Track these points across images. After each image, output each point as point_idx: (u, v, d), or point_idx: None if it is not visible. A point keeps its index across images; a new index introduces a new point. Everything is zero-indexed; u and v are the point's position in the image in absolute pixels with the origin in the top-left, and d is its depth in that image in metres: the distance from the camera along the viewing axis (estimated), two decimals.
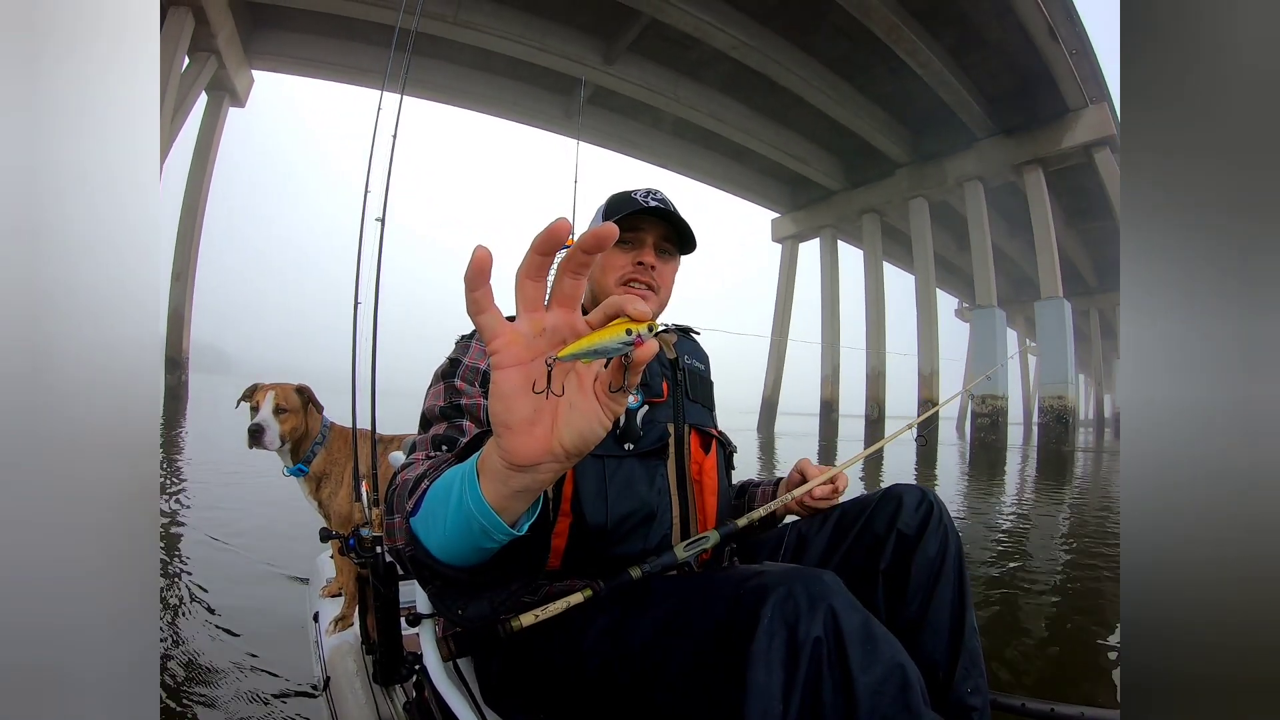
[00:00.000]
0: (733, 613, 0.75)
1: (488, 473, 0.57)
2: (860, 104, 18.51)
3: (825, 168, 21.97)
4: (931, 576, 1.05)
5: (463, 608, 0.80)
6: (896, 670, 0.70)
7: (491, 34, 15.11)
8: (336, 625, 1.97)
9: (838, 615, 0.70)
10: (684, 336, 1.31)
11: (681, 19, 14.37)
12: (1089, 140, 17.60)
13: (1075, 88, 16.82)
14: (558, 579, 1.01)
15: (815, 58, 16.64)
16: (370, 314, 2.00)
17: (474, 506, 0.58)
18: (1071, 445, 17.03)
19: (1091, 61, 16.99)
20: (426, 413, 1.01)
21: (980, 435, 18.01)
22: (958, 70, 16.73)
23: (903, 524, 1.08)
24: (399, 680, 1.25)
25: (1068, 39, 15.95)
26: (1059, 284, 17.78)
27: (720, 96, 18.25)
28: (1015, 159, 18.66)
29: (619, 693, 0.84)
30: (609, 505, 1.00)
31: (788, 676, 0.68)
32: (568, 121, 19.71)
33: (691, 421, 1.16)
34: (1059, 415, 17.31)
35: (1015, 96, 17.68)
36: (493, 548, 0.62)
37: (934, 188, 20.43)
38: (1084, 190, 20.49)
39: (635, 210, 1.13)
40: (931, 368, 19.56)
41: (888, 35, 14.80)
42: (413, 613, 1.10)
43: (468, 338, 1.11)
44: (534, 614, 0.90)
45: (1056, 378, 17.68)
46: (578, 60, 16.16)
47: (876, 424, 20.40)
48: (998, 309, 18.73)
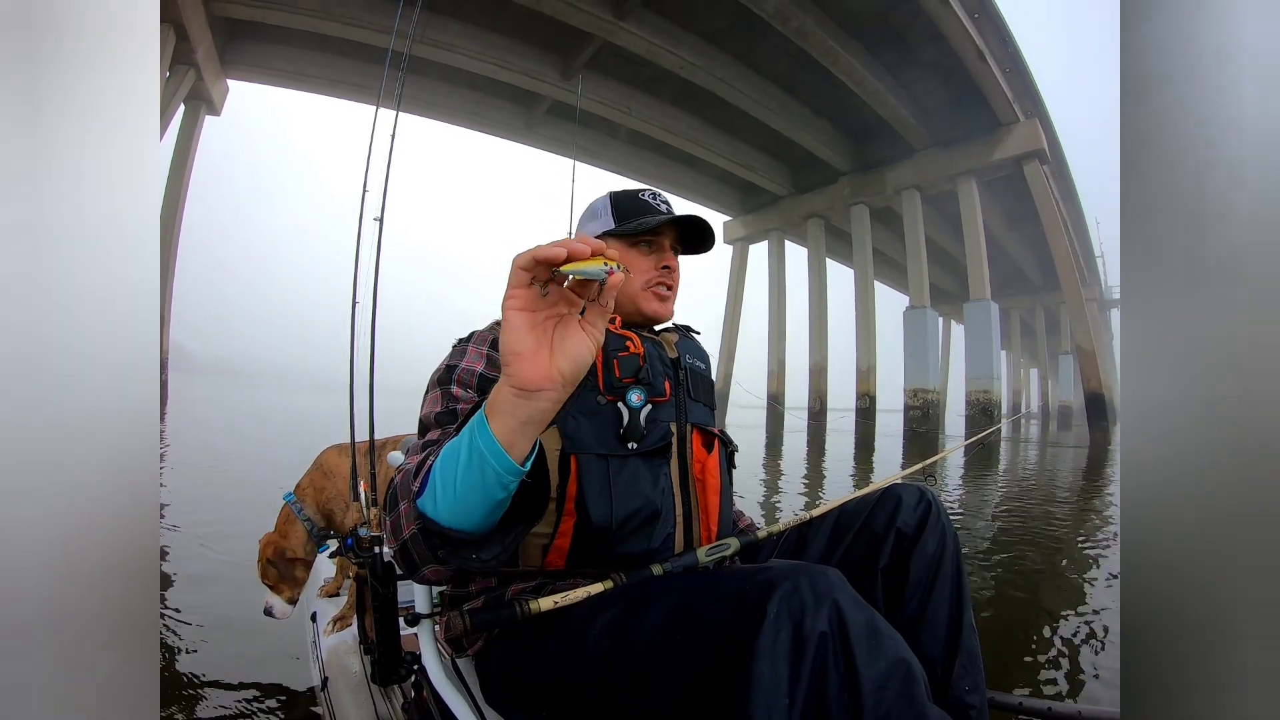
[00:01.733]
0: (738, 608, 0.74)
1: (496, 410, 0.66)
2: (804, 117, 19.63)
3: (773, 175, 23.00)
4: (930, 575, 1.05)
5: (476, 552, 0.75)
6: (901, 665, 0.70)
7: (458, 52, 16.02)
8: (335, 625, 1.94)
9: (843, 611, 0.70)
10: (685, 336, 1.30)
11: (632, 41, 15.34)
12: (1018, 153, 18.92)
13: (1006, 104, 18.04)
14: (562, 578, 1.01)
15: (760, 74, 17.68)
16: (368, 313, 2.00)
17: (484, 445, 0.65)
18: (996, 436, 18.33)
19: (1024, 78, 18.26)
20: (424, 419, 1.00)
21: (912, 426, 19.31)
22: (895, 87, 17.84)
23: (902, 522, 1.08)
24: (398, 680, 1.22)
25: (1000, 58, 17.14)
26: (987, 287, 19.05)
27: (672, 110, 19.18)
28: (950, 170, 19.85)
29: (623, 689, 0.83)
30: (613, 504, 0.99)
31: (793, 671, 0.67)
32: (528, 132, 20.64)
33: (694, 421, 1.15)
34: (984, 408, 18.68)
35: (950, 111, 18.82)
36: (503, 498, 0.68)
37: (874, 195, 21.56)
38: (1029, 196, 21.94)
39: (658, 218, 1.16)
40: (869, 363, 20.87)
41: (825, 58, 15.86)
42: (411, 612, 1.09)
43: (464, 341, 1.11)
44: (553, 599, 0.88)
45: (982, 374, 19.05)
46: (537, 76, 17.12)
47: (818, 416, 21.68)
48: (929, 309, 20.08)
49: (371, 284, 1.98)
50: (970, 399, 19.39)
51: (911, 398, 19.66)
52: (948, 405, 23.31)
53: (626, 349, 1.09)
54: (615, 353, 1.08)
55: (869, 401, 20.41)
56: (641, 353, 1.10)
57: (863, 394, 20.52)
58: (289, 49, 17.11)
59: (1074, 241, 30.45)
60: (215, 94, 17.71)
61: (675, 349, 1.20)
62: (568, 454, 1.00)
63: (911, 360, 19.99)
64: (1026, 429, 25.65)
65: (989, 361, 18.91)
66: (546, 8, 14.29)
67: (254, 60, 17.64)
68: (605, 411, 1.04)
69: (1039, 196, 19.31)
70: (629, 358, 1.08)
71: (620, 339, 1.11)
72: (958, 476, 8.94)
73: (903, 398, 20.02)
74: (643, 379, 1.08)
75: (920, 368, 19.66)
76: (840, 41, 15.74)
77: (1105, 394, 18.97)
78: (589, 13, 14.52)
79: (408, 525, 0.75)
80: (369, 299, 1.97)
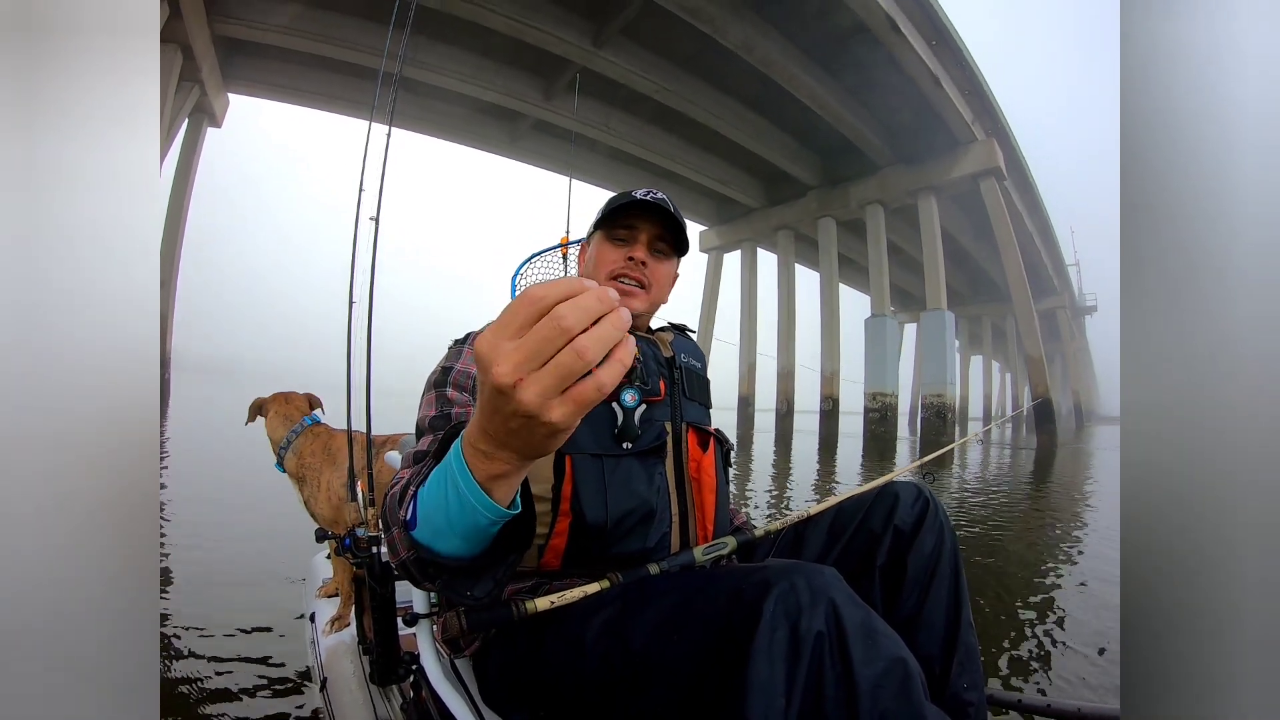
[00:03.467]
0: (734, 607, 0.73)
1: (481, 460, 0.59)
2: (774, 135, 20.73)
3: (745, 189, 24.25)
4: (927, 573, 1.05)
5: (470, 589, 0.73)
6: (898, 664, 0.69)
7: (444, 74, 17.06)
8: (333, 625, 1.96)
9: (839, 610, 0.70)
10: (680, 335, 1.29)
11: (608, 68, 16.35)
12: (975, 171, 20.11)
13: (964, 125, 19.21)
14: (558, 578, 1.01)
15: (731, 96, 18.70)
16: (364, 313, 1.98)
17: (469, 492, 0.61)
18: (951, 436, 19.61)
19: (983, 99, 19.44)
20: (419, 423, 1.00)
21: (871, 427, 20.42)
22: (857, 108, 18.90)
23: (899, 520, 1.08)
24: (396, 680, 1.20)
25: (959, 80, 18.32)
26: (943, 298, 20.26)
27: (648, 127, 20.12)
28: (912, 185, 20.98)
29: (620, 688, 0.82)
30: (608, 504, 0.99)
31: (790, 670, 0.67)
32: (512, 146, 21.79)
33: (689, 420, 1.14)
34: (939, 411, 19.91)
35: (910, 131, 19.91)
36: (489, 524, 0.65)
37: (840, 209, 22.70)
38: None
39: (630, 207, 1.14)
40: (833, 368, 22.07)
41: (788, 83, 16.95)
42: (410, 613, 1.08)
43: (460, 342, 1.10)
44: (550, 599, 0.87)
45: (936, 379, 20.24)
46: (521, 97, 18.22)
47: (786, 417, 22.88)
48: (889, 318, 21.27)
49: (368, 284, 1.98)
50: (925, 402, 20.61)
51: (871, 400, 20.80)
52: None
53: None
54: None
55: (832, 404, 21.55)
56: (636, 352, 1.11)
57: (826, 396, 21.71)
58: (286, 65, 18.09)
59: (1043, 252, 31.76)
60: (217, 107, 18.76)
61: (670, 348, 1.19)
62: (562, 454, 0.99)
63: (871, 365, 21.12)
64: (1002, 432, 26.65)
65: (943, 367, 20.10)
66: (530, 37, 15.31)
67: (253, 75, 18.65)
68: (600, 411, 1.03)
69: (993, 212, 20.48)
70: None
71: None
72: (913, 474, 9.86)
73: (863, 400, 21.17)
74: (637, 378, 1.06)
75: (879, 372, 20.80)
76: (803, 67, 16.85)
77: (1053, 399, 20.13)
78: (570, 43, 15.59)
79: (403, 549, 0.75)
80: (365, 298, 1.98)
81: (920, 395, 21.02)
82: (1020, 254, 20.82)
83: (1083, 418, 42.29)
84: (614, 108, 19.17)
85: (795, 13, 15.24)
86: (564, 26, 15.40)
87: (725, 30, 15.10)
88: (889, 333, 21.15)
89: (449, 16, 14.57)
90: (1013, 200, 23.43)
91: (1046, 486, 9.63)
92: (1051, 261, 35.70)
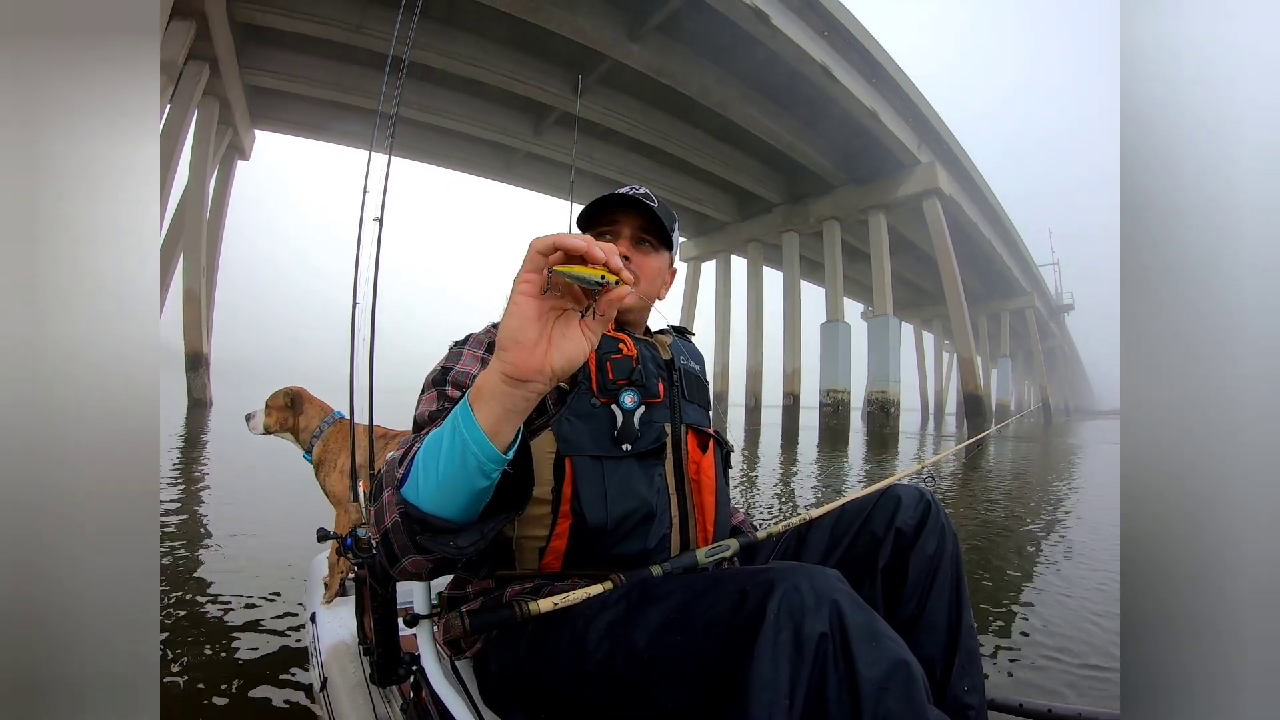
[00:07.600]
0: (738, 608, 0.73)
1: (482, 397, 0.65)
2: (740, 160, 22.98)
3: (718, 205, 26.69)
4: (929, 575, 1.05)
5: (452, 540, 0.73)
6: (901, 667, 0.69)
7: (445, 115, 19.57)
8: (327, 593, 1.99)
9: (843, 611, 0.69)
10: (679, 337, 1.29)
11: (587, 111, 18.61)
12: (918, 191, 22.49)
13: (906, 150, 21.52)
14: (559, 579, 1.00)
15: (699, 128, 21.02)
16: (368, 313, 1.98)
17: (467, 432, 0.64)
18: (893, 429, 21.77)
19: (926, 125, 21.80)
20: (418, 419, 1.00)
21: (826, 420, 22.66)
22: (814, 138, 21.16)
23: (901, 523, 1.07)
24: (396, 681, 1.17)
25: (901, 109, 20.61)
26: (889, 304, 22.64)
27: (628, 154, 22.65)
28: (863, 204, 23.32)
29: (622, 689, 0.82)
30: (608, 505, 0.98)
31: (793, 671, 0.67)
32: (507, 173, 24.35)
33: (688, 421, 1.13)
34: (882, 406, 22.27)
35: (860, 156, 22.21)
36: (485, 486, 0.67)
37: (801, 224, 25.21)
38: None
39: (610, 203, 1.14)
40: (794, 367, 24.46)
41: (744, 121, 19.30)
42: (411, 613, 1.06)
43: (460, 344, 1.09)
44: (553, 601, 0.87)
45: (880, 378, 22.60)
46: (513, 134, 20.77)
47: (754, 411, 25.28)
48: (842, 323, 23.63)
49: (371, 284, 1.94)
50: (870, 398, 22.96)
51: (825, 396, 23.14)
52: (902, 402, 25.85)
53: (620, 351, 1.07)
54: (608, 355, 1.06)
55: (793, 400, 23.97)
56: (635, 355, 1.08)
57: (788, 393, 24.17)
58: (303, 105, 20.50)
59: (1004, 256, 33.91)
60: (245, 143, 21.55)
61: (669, 350, 1.18)
62: (563, 456, 0.99)
63: (826, 365, 23.50)
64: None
65: (886, 366, 22.43)
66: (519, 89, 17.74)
67: (276, 115, 21.30)
68: (599, 413, 1.03)
69: (933, 228, 22.91)
70: (622, 360, 1.06)
71: (613, 341, 1.09)
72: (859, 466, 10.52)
73: (818, 396, 23.56)
74: (636, 381, 1.06)
75: (833, 371, 23.13)
76: (757, 106, 19.14)
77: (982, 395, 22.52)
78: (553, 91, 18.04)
79: (390, 513, 0.75)
80: (368, 299, 1.95)
81: (866, 391, 23.38)
82: (956, 263, 23.14)
83: (1051, 413, 43.88)
84: (593, 139, 21.34)
85: (745, 61, 17.32)
86: (548, 78, 17.84)
87: (685, 81, 17.47)
88: (841, 335, 23.54)
89: (442, 73, 17.12)
90: (964, 213, 25.73)
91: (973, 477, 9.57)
92: (1017, 264, 37.56)
